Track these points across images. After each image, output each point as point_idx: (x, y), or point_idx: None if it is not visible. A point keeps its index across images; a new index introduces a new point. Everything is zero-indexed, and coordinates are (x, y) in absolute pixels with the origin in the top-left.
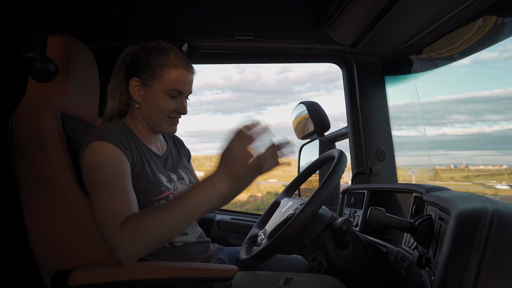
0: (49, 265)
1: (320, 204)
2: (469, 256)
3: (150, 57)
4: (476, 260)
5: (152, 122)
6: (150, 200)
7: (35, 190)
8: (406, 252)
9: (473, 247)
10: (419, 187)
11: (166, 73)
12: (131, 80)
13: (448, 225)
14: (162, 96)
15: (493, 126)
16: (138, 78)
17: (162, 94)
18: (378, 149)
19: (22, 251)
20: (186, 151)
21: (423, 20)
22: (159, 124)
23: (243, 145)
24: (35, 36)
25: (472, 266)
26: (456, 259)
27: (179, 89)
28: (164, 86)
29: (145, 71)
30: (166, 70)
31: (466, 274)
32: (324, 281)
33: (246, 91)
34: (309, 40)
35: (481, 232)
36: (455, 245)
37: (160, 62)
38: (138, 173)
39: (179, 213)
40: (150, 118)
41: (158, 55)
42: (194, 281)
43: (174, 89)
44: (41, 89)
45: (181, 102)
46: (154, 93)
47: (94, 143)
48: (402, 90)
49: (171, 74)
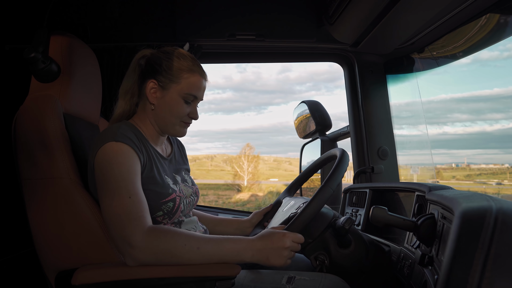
0: (53, 264)
1: (323, 203)
2: (474, 255)
3: (170, 61)
4: (481, 259)
5: (165, 124)
6: (158, 202)
7: (39, 189)
8: (408, 251)
9: (478, 246)
10: (421, 186)
11: (185, 77)
12: (149, 82)
13: (452, 224)
14: (178, 100)
15: (494, 125)
16: (155, 81)
17: (178, 97)
18: (380, 148)
19: (25, 251)
20: (185, 155)
21: (425, 19)
22: (172, 127)
23: (296, 249)
24: (37, 36)
25: (476, 265)
26: (460, 258)
27: (195, 94)
28: (181, 90)
29: (164, 73)
30: (185, 74)
31: (470, 273)
32: (326, 280)
33: (247, 90)
34: (311, 39)
35: (486, 231)
36: (459, 244)
37: (180, 66)
38: (147, 175)
39: (204, 255)
40: (164, 120)
41: (178, 59)
42: (197, 280)
43: (190, 94)
44: (44, 89)
45: (194, 108)
46: (171, 96)
47: (109, 144)
48: (404, 89)
49: (190, 79)
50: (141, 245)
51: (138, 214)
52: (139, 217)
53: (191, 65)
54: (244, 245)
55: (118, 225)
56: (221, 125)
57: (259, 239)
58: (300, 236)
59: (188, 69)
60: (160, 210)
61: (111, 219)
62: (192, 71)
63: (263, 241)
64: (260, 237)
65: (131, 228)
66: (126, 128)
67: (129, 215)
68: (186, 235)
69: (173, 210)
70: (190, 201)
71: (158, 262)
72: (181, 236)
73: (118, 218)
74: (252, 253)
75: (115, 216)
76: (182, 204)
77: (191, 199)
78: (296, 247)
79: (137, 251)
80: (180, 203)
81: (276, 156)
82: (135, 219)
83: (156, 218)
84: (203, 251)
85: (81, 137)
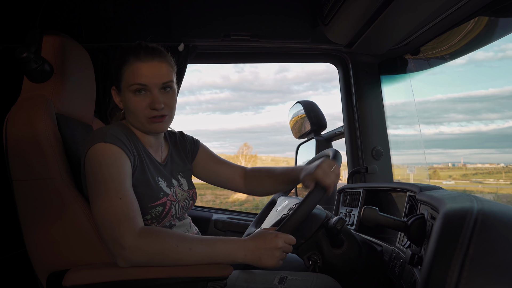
0: (44, 265)
1: (314, 204)
2: (453, 255)
3: (114, 62)
4: (459, 259)
5: (137, 125)
6: (147, 205)
7: (30, 190)
8: (400, 251)
9: (457, 246)
10: (412, 186)
11: (123, 71)
12: (112, 89)
13: (434, 224)
14: (130, 96)
15: (490, 124)
16: (114, 86)
17: (128, 93)
18: (374, 148)
19: (17, 252)
20: (190, 150)
21: (418, 20)
22: (142, 125)
23: (288, 250)
24: (30, 36)
25: (455, 265)
26: (440, 258)
27: (137, 82)
28: (126, 84)
29: (114, 77)
30: (123, 68)
31: (449, 273)
32: (319, 280)
33: (244, 90)
34: (305, 40)
35: (465, 231)
36: (440, 244)
37: (118, 63)
38: (138, 177)
39: (196, 256)
40: (134, 121)
41: (120, 57)
42: (189, 281)
43: (133, 83)
44: (36, 89)
45: (151, 97)
46: (124, 95)
47: (98, 145)
48: (398, 89)
49: (127, 70)
50: (132, 246)
51: (129, 215)
52: (130, 218)
53: (125, 55)
54: (236, 245)
55: (108, 227)
56: (219, 125)
57: (251, 240)
58: (292, 237)
59: (124, 61)
60: (148, 213)
61: (102, 220)
62: (128, 62)
63: (256, 241)
64: (253, 238)
65: (122, 229)
66: (117, 130)
67: (120, 217)
68: (178, 236)
69: (162, 215)
70: (183, 205)
71: (150, 263)
72: (173, 237)
73: (108, 220)
74: (244, 253)
75: (105, 218)
76: (173, 209)
77: (185, 203)
78: (288, 248)
79: (128, 252)
80: (171, 207)
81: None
82: (126, 220)
83: (145, 222)
84: (195, 252)
85: (74, 138)
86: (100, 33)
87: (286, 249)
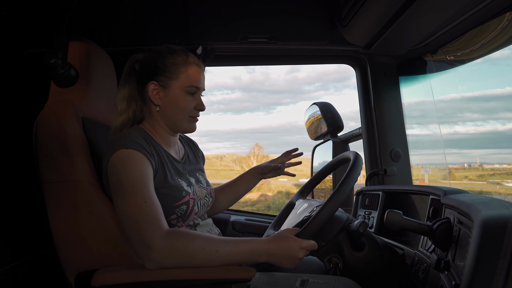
0: (73, 265)
1: (336, 207)
2: (496, 264)
3: (164, 59)
4: (504, 268)
5: (174, 123)
6: (172, 205)
7: (60, 192)
8: (423, 255)
9: (500, 255)
10: (436, 189)
11: (182, 71)
12: (149, 84)
13: (472, 232)
14: (182, 95)
15: (507, 124)
16: (155, 81)
17: (181, 92)
18: (393, 150)
19: (46, 251)
20: (200, 154)
21: (439, 21)
22: (181, 123)
23: (304, 255)
24: (57, 42)
25: (499, 274)
26: (482, 267)
27: (196, 85)
28: (182, 84)
29: (162, 73)
30: (182, 68)
31: (493, 282)
32: (340, 283)
33: (255, 91)
34: (323, 41)
35: (508, 240)
36: (481, 252)
37: (174, 62)
38: (160, 179)
39: (222, 257)
40: (172, 118)
41: (171, 56)
42: (214, 283)
43: (191, 86)
44: (63, 94)
45: (198, 99)
46: (174, 92)
47: (120, 151)
48: (417, 89)
49: (187, 72)
50: (160, 248)
51: (156, 217)
52: (156, 221)
53: (185, 58)
54: (259, 246)
55: (136, 230)
56: (230, 125)
57: (276, 243)
58: (314, 243)
59: (184, 62)
60: (174, 213)
61: (129, 224)
62: (188, 64)
63: (280, 246)
64: (277, 242)
65: (150, 232)
66: (137, 134)
67: (147, 219)
68: (204, 237)
69: (186, 213)
70: (204, 203)
71: (178, 264)
72: (199, 239)
73: (136, 223)
74: (267, 255)
75: (133, 221)
76: (196, 207)
77: (205, 201)
78: (308, 253)
79: (157, 254)
80: (194, 205)
81: None
82: (152, 223)
83: (170, 221)
84: (221, 254)
85: (99, 141)
86: (121, 37)
87: (306, 255)
